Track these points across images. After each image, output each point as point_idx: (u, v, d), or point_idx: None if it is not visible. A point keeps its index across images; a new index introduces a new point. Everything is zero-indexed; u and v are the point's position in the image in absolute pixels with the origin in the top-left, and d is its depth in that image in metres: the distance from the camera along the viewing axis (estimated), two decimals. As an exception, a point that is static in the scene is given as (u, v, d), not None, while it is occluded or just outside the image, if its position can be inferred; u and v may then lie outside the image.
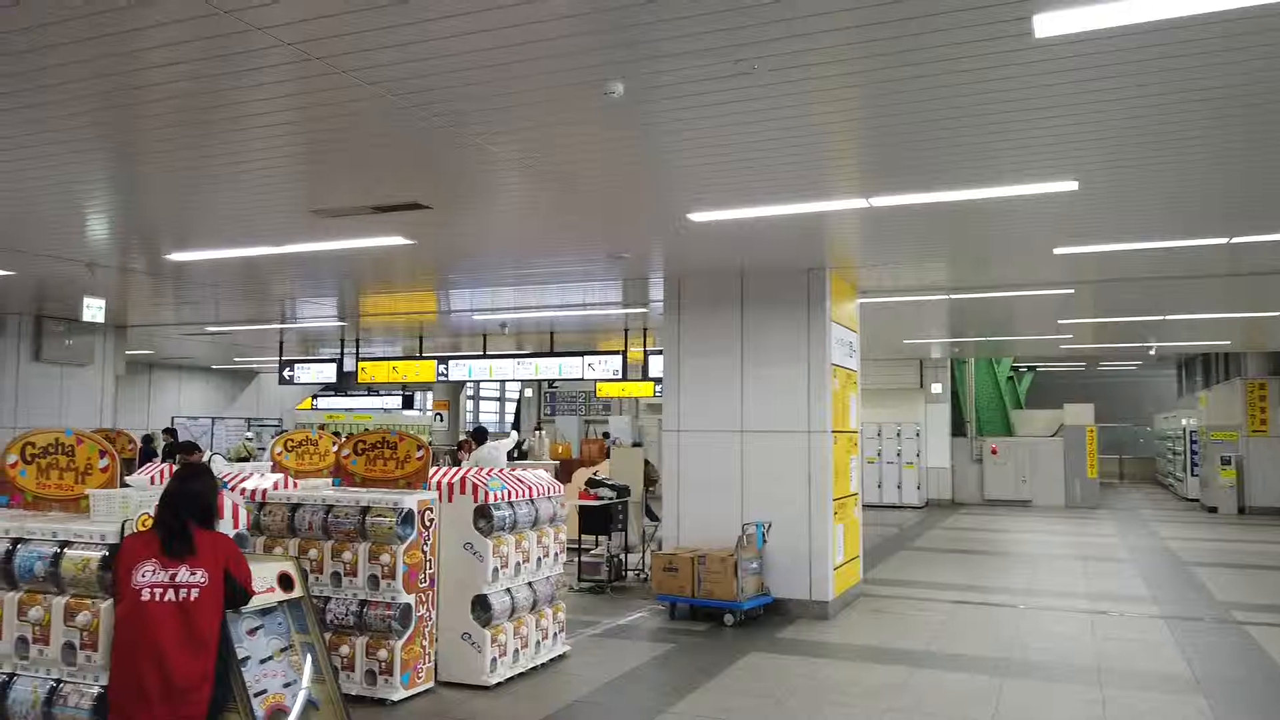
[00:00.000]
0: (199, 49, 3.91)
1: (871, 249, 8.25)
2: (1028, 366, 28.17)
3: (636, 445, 13.28)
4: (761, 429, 9.04)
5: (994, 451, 21.33)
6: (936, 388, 20.95)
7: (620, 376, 14.31)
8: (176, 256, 8.51)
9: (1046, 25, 3.63)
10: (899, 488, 20.40)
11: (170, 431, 16.76)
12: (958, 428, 21.66)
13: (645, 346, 14.94)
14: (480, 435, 11.52)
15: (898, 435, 20.49)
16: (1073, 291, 10.51)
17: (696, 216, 6.80)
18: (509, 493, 6.74)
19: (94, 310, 10.10)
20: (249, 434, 21.58)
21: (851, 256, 8.58)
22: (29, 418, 11.80)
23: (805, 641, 7.87)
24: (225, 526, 4.42)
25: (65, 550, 4.11)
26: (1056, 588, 10.52)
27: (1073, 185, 5.89)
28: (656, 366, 15.65)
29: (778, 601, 8.80)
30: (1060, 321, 13.63)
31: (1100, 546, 14.17)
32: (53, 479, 4.63)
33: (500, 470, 7.45)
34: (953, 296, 11.05)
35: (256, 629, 4.14)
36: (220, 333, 15.45)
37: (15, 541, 4.24)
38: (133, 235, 7.79)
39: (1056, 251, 8.05)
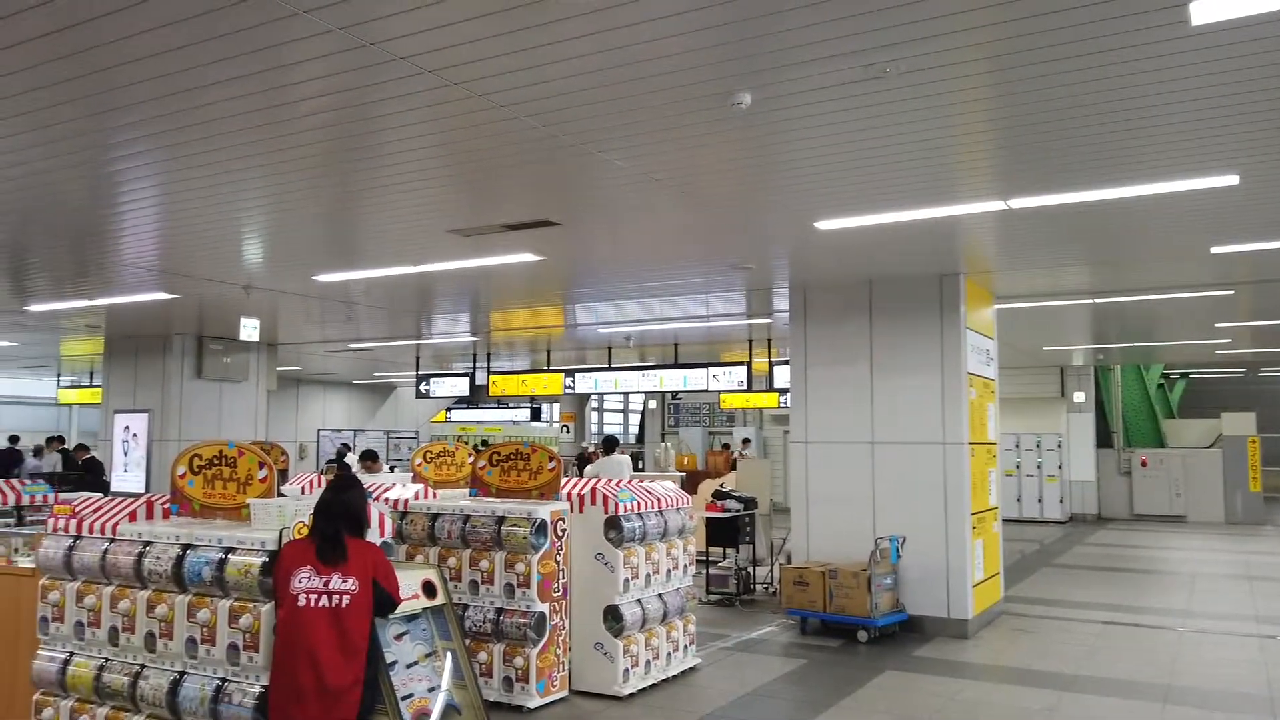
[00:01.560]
0: (347, 80, 4.13)
1: (1009, 253, 7.94)
2: (1180, 373, 26.45)
3: (721, 446, 13.14)
4: (894, 440, 8.80)
5: (1143, 463, 20.10)
6: (1079, 396, 19.91)
7: (745, 388, 14.23)
8: (323, 278, 8.98)
9: (1204, 11, 3.42)
10: (1040, 501, 19.48)
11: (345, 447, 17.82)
12: (1103, 438, 20.52)
13: (770, 357, 14.81)
14: (610, 445, 11.65)
15: (1038, 446, 19.58)
16: (1232, 292, 9.82)
17: (824, 224, 6.70)
18: (638, 504, 6.79)
19: (250, 330, 10.76)
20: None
21: (988, 261, 8.28)
22: (192, 431, 12.65)
23: (944, 661, 7.60)
24: (373, 535, 4.62)
25: (229, 556, 4.37)
26: (1218, 609, 9.81)
27: (1233, 180, 5.51)
28: (782, 377, 15.53)
29: (913, 619, 8.53)
30: (1218, 325, 12.75)
31: (1267, 565, 13.14)
32: (217, 489, 4.95)
33: (629, 481, 7.52)
34: (1097, 300, 10.51)
35: (403, 634, 4.30)
36: (361, 349, 16.18)
37: (185, 547, 4.54)
38: (284, 259, 8.26)
39: (1214, 251, 7.54)
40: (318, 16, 3.47)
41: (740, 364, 14.10)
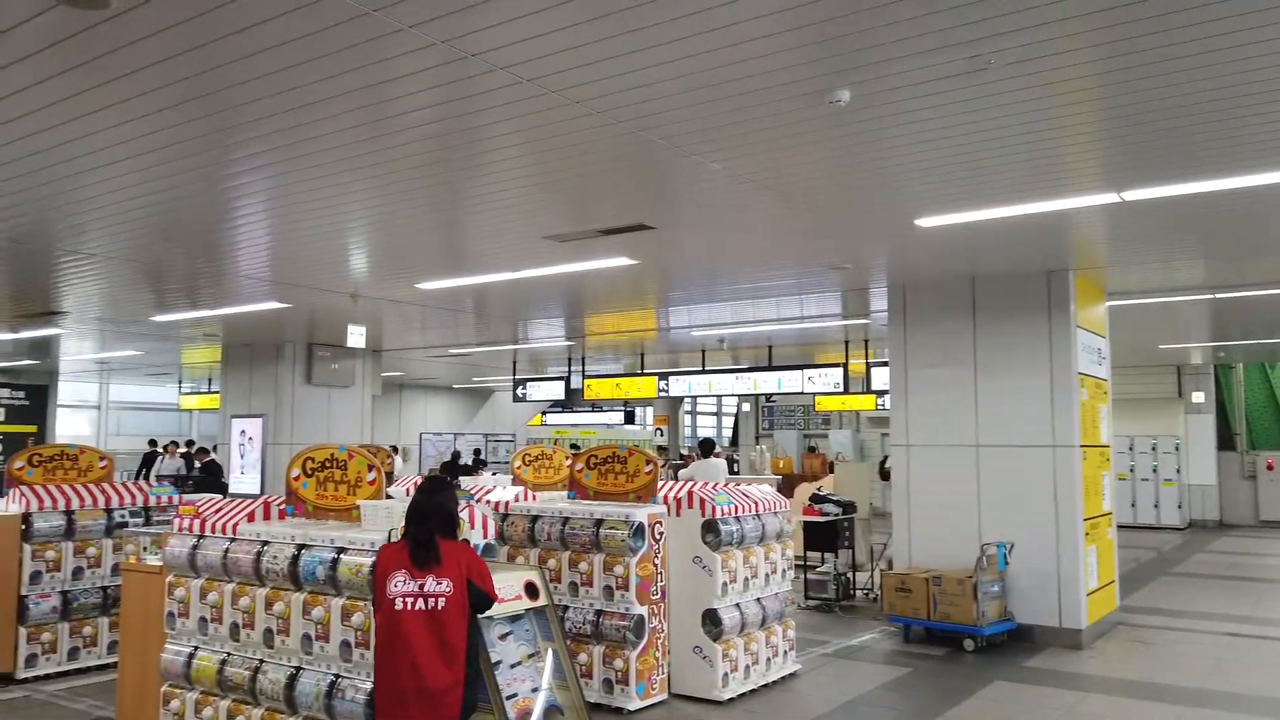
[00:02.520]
0: (448, 92, 4.23)
1: (1123, 247, 7.60)
2: (1310, 371, 24.87)
3: (808, 449, 12.91)
4: (1000, 444, 8.52)
5: (1269, 466, 18.95)
6: (1198, 397, 18.90)
7: (841, 390, 14.00)
8: (425, 285, 9.22)
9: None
10: (1156, 507, 18.57)
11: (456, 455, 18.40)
12: (1225, 441, 19.42)
13: (867, 358, 14.53)
14: (706, 448, 11.61)
15: (1153, 449, 18.67)
16: (1370, 284, 9.19)
17: (925, 222, 6.54)
18: (735, 508, 6.75)
19: (356, 336, 11.14)
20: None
21: (1099, 256, 7.94)
22: (302, 434, 13.16)
23: (1057, 672, 7.31)
24: (475, 536, 4.71)
25: (341, 556, 4.52)
26: (1361, 624, 9.17)
27: (1374, 163, 5.16)
28: (879, 379, 15.24)
29: (1023, 627, 8.24)
30: (1354, 319, 11.95)
31: None
32: (329, 491, 5.13)
33: (726, 485, 7.48)
34: (1217, 295, 9.95)
35: (507, 634, 4.36)
36: (461, 354, 16.56)
37: (300, 547, 4.72)
38: (388, 267, 8.51)
39: (1351, 240, 7.07)
40: (421, 31, 3.56)
41: (836, 366, 13.87)
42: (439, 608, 3.68)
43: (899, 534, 9.02)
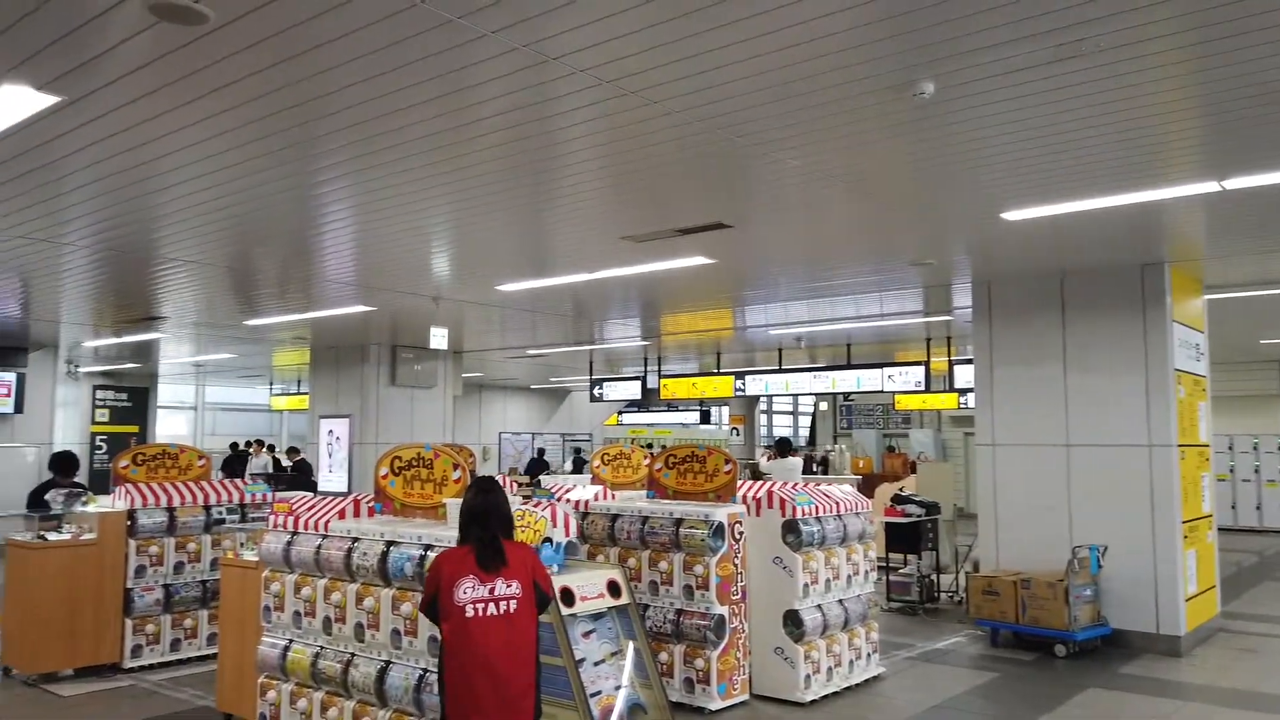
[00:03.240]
0: (528, 96, 4.28)
1: (1222, 238, 7.27)
2: None
3: (887, 449, 12.64)
4: (1091, 443, 8.24)
5: (1385, 467, 17.89)
6: (1304, 393, 17.98)
7: (923, 388, 13.74)
8: (504, 287, 9.36)
9: None
10: (1258, 509, 17.71)
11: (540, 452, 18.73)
12: (1335, 439, 18.41)
13: (949, 356, 14.21)
14: (783, 448, 11.52)
15: (1255, 449, 17.82)
16: None
17: (1011, 215, 6.37)
18: (816, 508, 6.68)
19: (439, 338, 11.37)
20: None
21: (1197, 248, 7.61)
22: (387, 434, 13.49)
23: (1155, 680, 7.03)
24: (558, 534, 4.76)
25: (428, 553, 4.62)
26: None
27: None
28: (962, 376, 14.87)
29: (1117, 633, 7.95)
30: None
31: None
32: (415, 489, 5.25)
33: (806, 485, 7.40)
34: (1327, 286, 9.45)
35: (590, 632, 4.40)
36: (538, 355, 16.76)
37: (389, 544, 4.83)
38: (469, 270, 8.67)
39: None
40: (504, 36, 3.62)
41: (917, 364, 13.61)
42: (511, 610, 3.58)
43: (985, 535, 8.80)
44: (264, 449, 17.36)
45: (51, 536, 7.00)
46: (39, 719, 6.05)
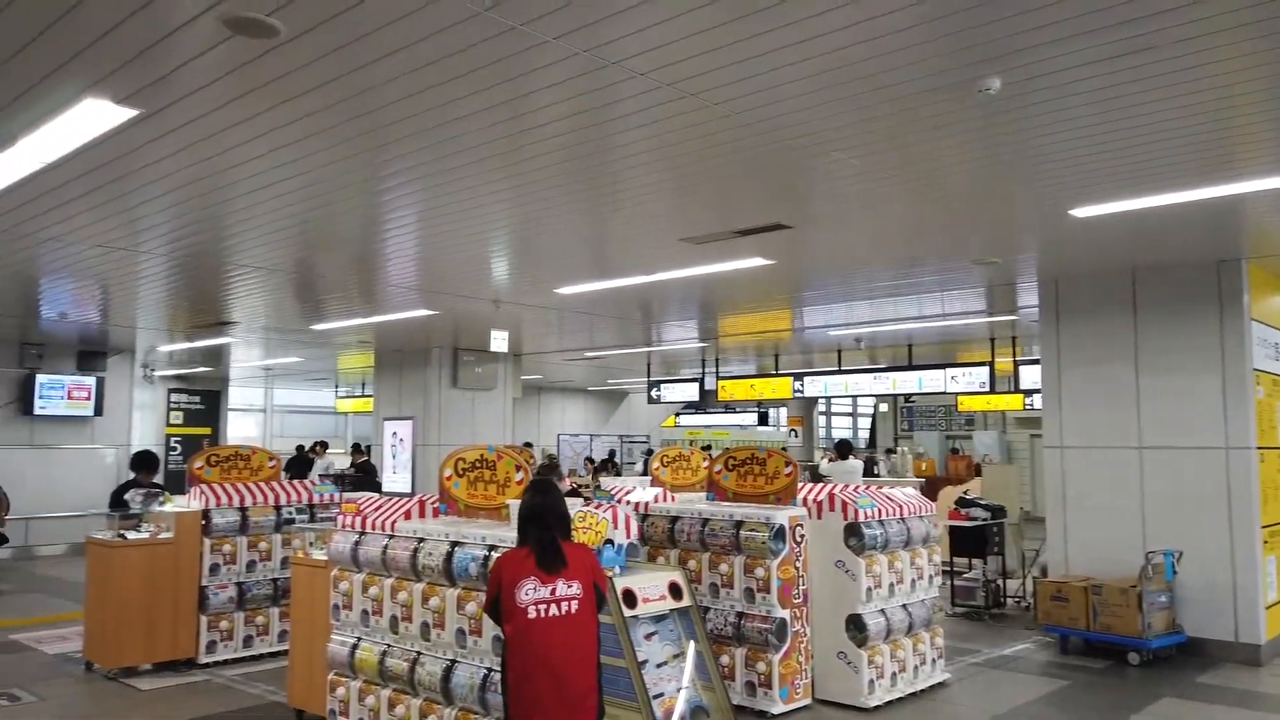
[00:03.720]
0: (587, 101, 4.32)
1: (1304, 232, 7.00)
2: None
3: (951, 450, 12.38)
4: (1164, 445, 7.99)
5: None
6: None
7: (987, 389, 13.48)
8: (563, 290, 9.43)
9: None
10: (1345, 514, 16.97)
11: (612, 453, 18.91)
12: None
13: (1015, 356, 13.92)
14: (843, 450, 11.40)
15: (1340, 451, 17.09)
16: None
17: (1080, 212, 6.22)
18: (879, 511, 6.60)
19: (499, 341, 11.50)
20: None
21: (1276, 243, 7.34)
22: (449, 436, 13.68)
23: (1234, 690, 6.79)
24: (619, 536, 4.78)
25: (492, 553, 4.67)
26: None
27: None
28: (1029, 377, 14.55)
29: (1193, 641, 7.70)
30: None
31: None
32: (479, 490, 5.32)
33: (868, 488, 7.32)
34: None
35: (652, 634, 4.41)
36: (596, 357, 16.85)
37: (453, 544, 4.91)
38: (528, 274, 8.75)
39: None
40: (565, 42, 3.65)
41: (981, 364, 13.36)
42: (572, 611, 3.59)
43: (1053, 540, 8.60)
44: (326, 450, 17.73)
45: (131, 535, 7.25)
46: (121, 712, 6.27)
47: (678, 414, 24.85)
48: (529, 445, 17.34)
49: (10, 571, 12.62)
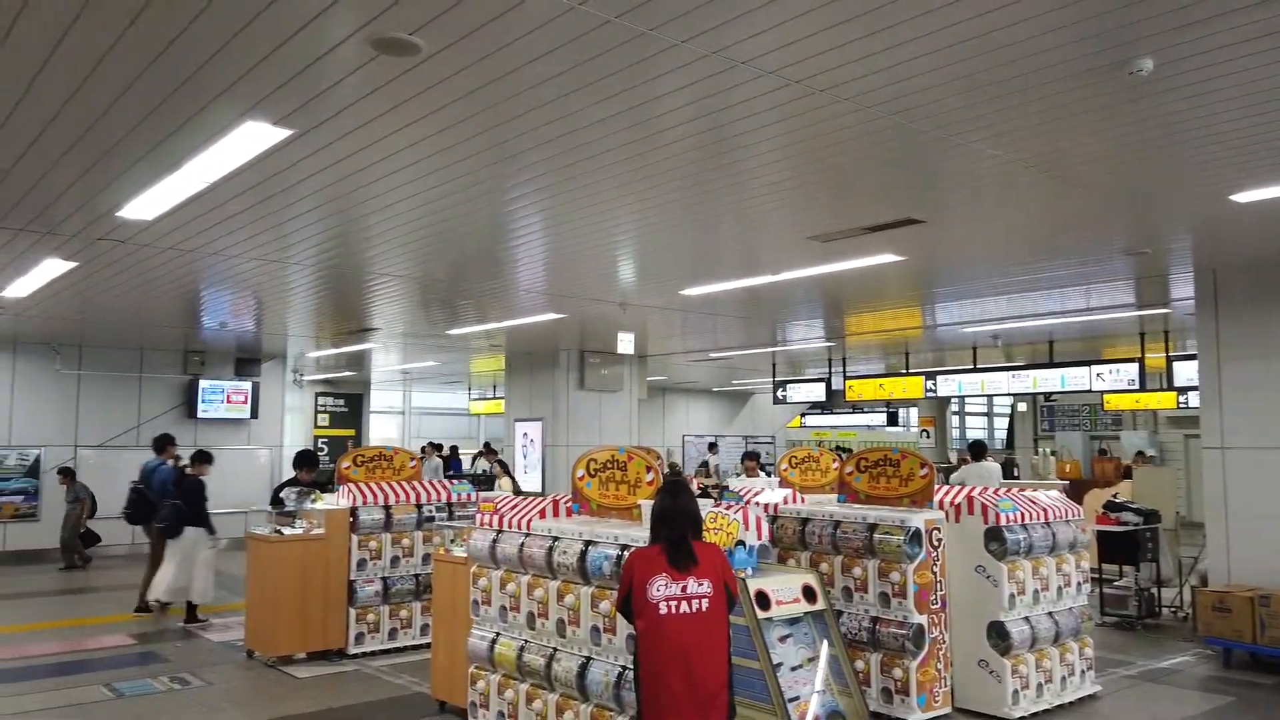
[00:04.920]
0: (713, 104, 4.32)
1: None
2: None
3: (1099, 451, 11.67)
4: (1342, 445, 7.37)
5: None
6: None
7: (1136, 387, 12.74)
8: (689, 291, 9.46)
9: None
10: None
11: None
12: None
13: (1168, 351, 13.10)
14: (977, 450, 10.99)
15: None
16: None
17: (1242, 197, 5.81)
18: (1022, 515, 6.33)
19: (625, 343, 11.64)
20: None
21: None
22: (576, 437, 13.93)
23: None
24: (750, 537, 4.76)
25: (624, 552, 4.73)
26: None
27: None
28: (1182, 373, 13.66)
29: (1380, 660, 7.07)
30: None
31: None
32: (610, 490, 5.39)
33: (1009, 490, 7.04)
34: None
35: (786, 637, 4.37)
36: (720, 358, 16.82)
37: (587, 543, 4.99)
38: (654, 276, 8.83)
39: None
40: (694, 44, 3.67)
41: (1130, 360, 12.64)
42: (703, 609, 3.63)
43: (1214, 546, 8.05)
44: (435, 451, 18.37)
45: (286, 531, 7.69)
46: (281, 698, 6.66)
47: (803, 414, 24.53)
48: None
49: (178, 563, 13.60)
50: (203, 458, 9.53)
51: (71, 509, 12.80)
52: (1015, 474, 16.39)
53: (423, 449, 18.24)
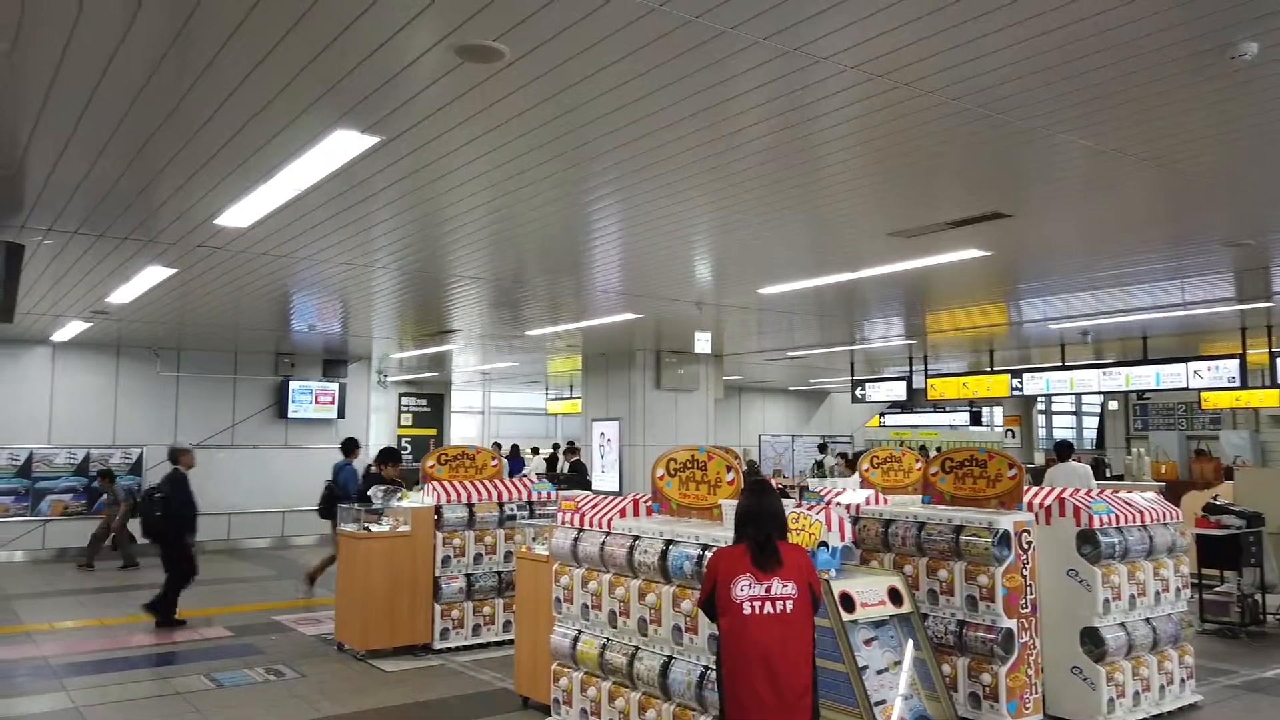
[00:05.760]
0: (790, 101, 4.29)
1: None
2: None
3: (1196, 452, 11.14)
4: None
5: None
6: None
7: (1237, 384, 12.19)
8: (766, 290, 9.40)
9: None
10: None
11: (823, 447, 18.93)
12: None
13: (1270, 347, 12.50)
14: (1064, 450, 10.65)
15: None
16: None
17: (1355, 183, 5.51)
18: (1116, 517, 6.12)
19: (702, 343, 11.62)
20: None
21: None
22: (653, 436, 13.96)
23: None
24: (833, 538, 4.71)
25: (706, 553, 4.73)
26: None
27: None
28: (1289, 370, 13.03)
29: None
30: None
31: None
32: (690, 490, 5.40)
33: (1100, 491, 6.82)
34: None
35: (872, 640, 4.31)
36: (798, 356, 16.66)
37: (668, 543, 5.01)
38: (730, 275, 8.79)
39: None
40: (775, 41, 3.65)
41: (1230, 357, 12.11)
42: (787, 610, 3.61)
43: (1326, 553, 7.65)
44: (497, 450, 18.63)
45: (374, 528, 7.90)
46: (371, 690, 6.85)
47: (882, 414, 24.13)
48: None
49: (270, 559, 14.09)
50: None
51: (111, 510, 13.17)
52: (1107, 474, 15.82)
53: (497, 447, 18.54)
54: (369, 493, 8.55)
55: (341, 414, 16.28)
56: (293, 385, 15.82)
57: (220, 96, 4.26)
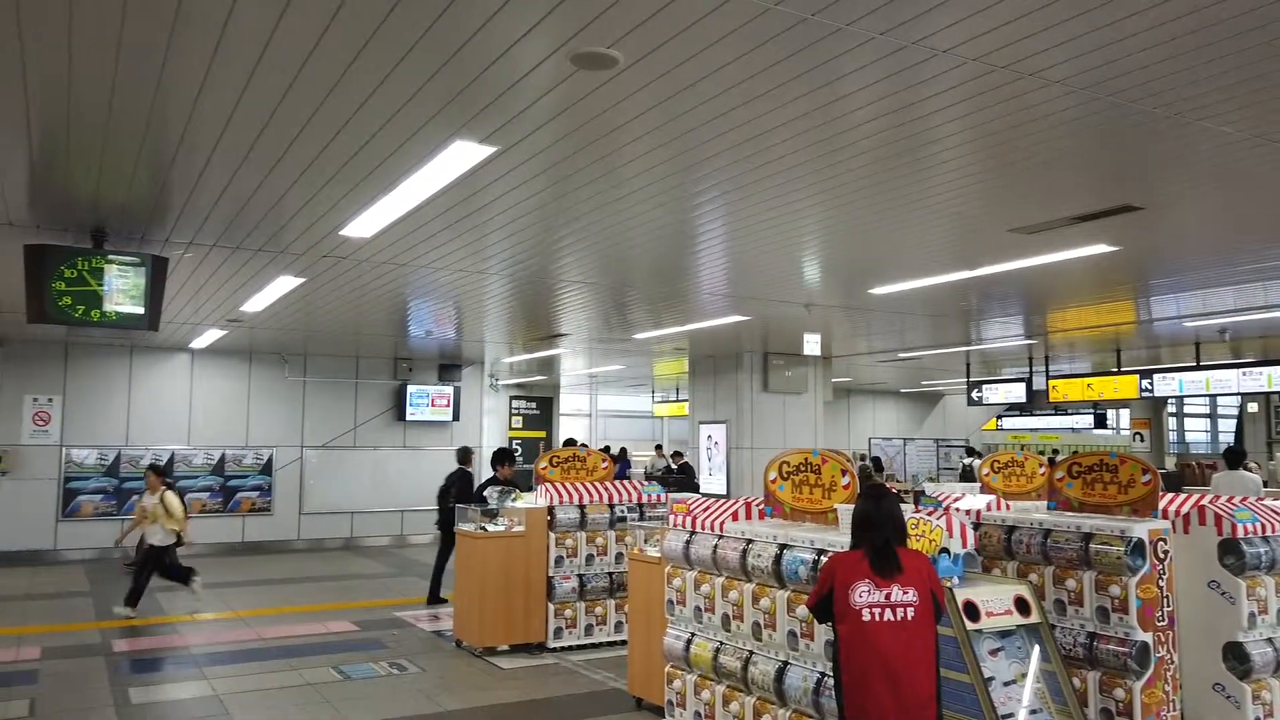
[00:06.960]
0: (904, 97, 4.19)
1: None
2: None
3: None
4: None
5: None
6: None
7: (1396, 383, 11.29)
8: (877, 290, 9.21)
9: None
10: None
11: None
12: None
13: None
14: (1234, 457, 10.02)
15: None
16: None
17: None
18: (1262, 526, 5.75)
19: (812, 345, 11.47)
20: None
21: None
22: (761, 439, 13.85)
23: None
24: (955, 545, 4.58)
25: (821, 557, 4.67)
26: None
27: None
28: None
29: None
30: None
31: None
32: (804, 494, 5.34)
33: (1244, 499, 6.41)
34: None
35: (997, 650, 4.17)
36: (910, 358, 16.26)
37: (781, 547, 4.96)
38: (841, 276, 8.65)
39: None
40: (891, 37, 3.58)
41: (1388, 354, 11.21)
42: (908, 618, 3.55)
43: None
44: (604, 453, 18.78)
45: (490, 528, 8.10)
46: (489, 687, 7.02)
47: (1000, 416, 23.32)
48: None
49: (389, 556, 14.60)
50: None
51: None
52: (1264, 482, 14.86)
53: (606, 449, 18.73)
54: (485, 493, 8.76)
55: (456, 416, 16.74)
56: (410, 389, 16.36)
57: (351, 108, 4.44)
